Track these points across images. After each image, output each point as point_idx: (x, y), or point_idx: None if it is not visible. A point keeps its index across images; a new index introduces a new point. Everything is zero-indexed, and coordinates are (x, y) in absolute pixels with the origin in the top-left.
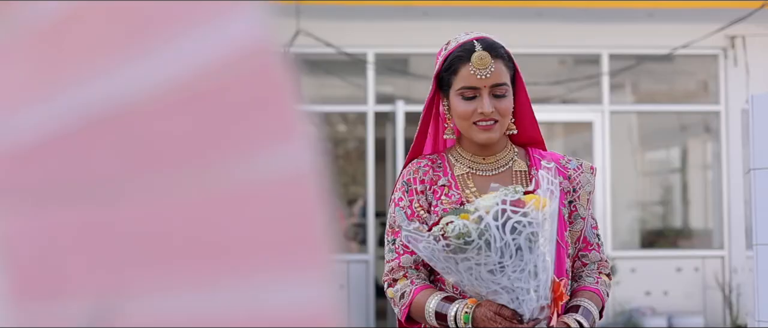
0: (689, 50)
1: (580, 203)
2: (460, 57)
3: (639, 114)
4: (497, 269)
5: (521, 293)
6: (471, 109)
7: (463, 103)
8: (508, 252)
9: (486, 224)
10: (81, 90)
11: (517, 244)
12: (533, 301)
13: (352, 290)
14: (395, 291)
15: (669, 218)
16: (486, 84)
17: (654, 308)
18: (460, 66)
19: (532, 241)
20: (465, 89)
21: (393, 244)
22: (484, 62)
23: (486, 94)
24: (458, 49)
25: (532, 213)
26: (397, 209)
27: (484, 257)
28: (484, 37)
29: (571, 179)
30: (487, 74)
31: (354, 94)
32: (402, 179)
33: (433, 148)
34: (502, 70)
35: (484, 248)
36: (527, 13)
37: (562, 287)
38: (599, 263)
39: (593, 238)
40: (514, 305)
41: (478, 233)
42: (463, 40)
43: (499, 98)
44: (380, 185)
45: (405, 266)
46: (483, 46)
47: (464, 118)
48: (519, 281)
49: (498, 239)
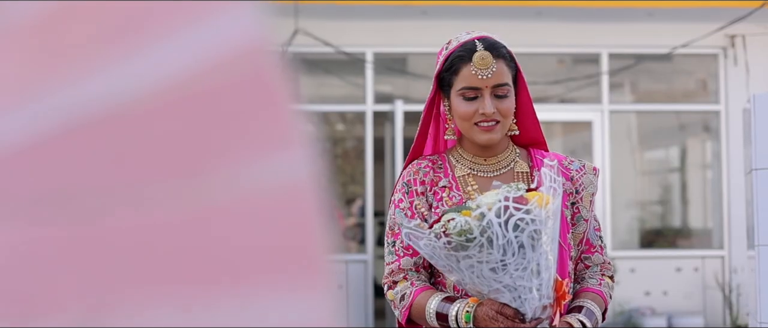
0: (689, 50)
1: (582, 204)
2: (461, 57)
3: (638, 114)
4: (499, 267)
5: (523, 292)
6: (472, 109)
7: (465, 103)
8: (511, 250)
9: (488, 220)
10: (67, 91)
11: (519, 241)
12: (536, 300)
13: (350, 290)
14: (395, 293)
15: (669, 218)
16: (487, 84)
17: (653, 309)
18: (461, 66)
19: (534, 239)
20: (466, 90)
21: (393, 246)
22: (486, 62)
23: (487, 94)
24: (459, 48)
25: (535, 210)
26: (397, 210)
27: (485, 255)
28: (486, 36)
29: (573, 180)
30: (489, 74)
31: (353, 93)
32: (402, 180)
33: (433, 148)
34: (504, 70)
35: (486, 246)
36: (527, 13)
37: (564, 287)
38: (602, 265)
39: (596, 240)
40: (516, 304)
41: (480, 230)
42: (464, 40)
43: (501, 99)
44: (379, 185)
45: (405, 268)
46: (485, 45)
47: (465, 119)
48: (521, 280)
49: (500, 237)
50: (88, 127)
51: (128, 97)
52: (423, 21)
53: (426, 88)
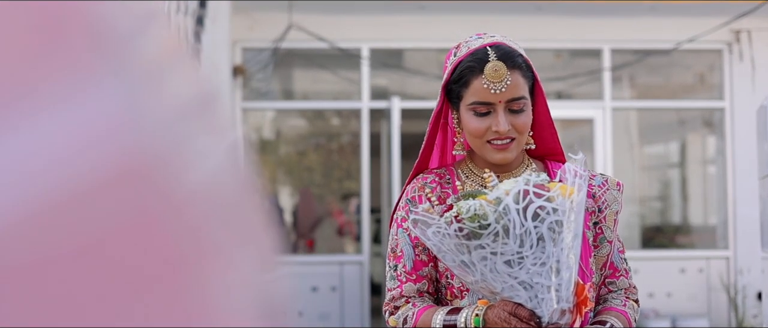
0: (693, 45)
1: (606, 224)
2: (471, 68)
3: (641, 110)
4: (515, 260)
5: (541, 291)
6: (484, 126)
7: (476, 119)
8: (529, 241)
9: (505, 206)
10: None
11: (538, 232)
12: (553, 301)
13: (346, 291)
14: (397, 318)
15: (673, 217)
16: (501, 99)
17: (657, 311)
18: (471, 78)
19: (555, 231)
20: (477, 105)
21: (395, 270)
22: (499, 74)
23: (501, 109)
24: (469, 57)
25: (558, 199)
26: (400, 230)
27: (500, 245)
28: (499, 42)
29: (595, 197)
30: (503, 88)
31: (348, 89)
32: (405, 197)
33: (440, 160)
34: (520, 82)
35: (501, 235)
36: (526, 7)
37: (586, 291)
38: (626, 289)
39: (620, 263)
40: (531, 305)
41: (495, 217)
42: (474, 47)
43: (516, 113)
44: (375, 181)
45: (407, 295)
46: (498, 55)
47: (477, 136)
48: (539, 277)
49: (518, 225)
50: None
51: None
52: (420, 15)
53: (423, 84)
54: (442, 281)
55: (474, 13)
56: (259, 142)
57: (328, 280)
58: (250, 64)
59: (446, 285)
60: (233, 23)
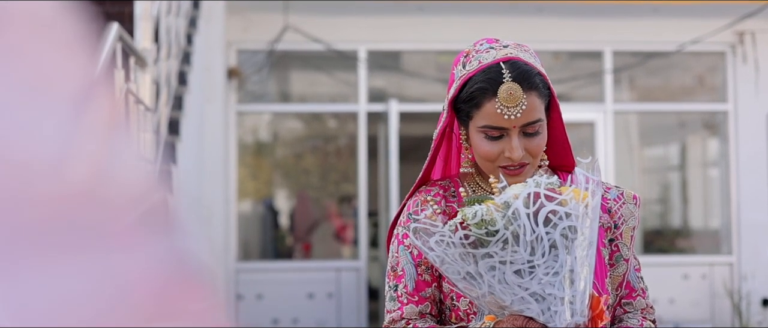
0: (696, 47)
1: (622, 241)
2: (483, 90)
3: (643, 113)
4: (526, 269)
5: (554, 303)
6: (497, 151)
7: (487, 142)
8: (541, 249)
9: (514, 210)
10: None
11: (550, 239)
12: (567, 315)
13: (343, 297)
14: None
15: (674, 220)
16: (515, 124)
17: (660, 317)
18: (483, 100)
19: (569, 238)
20: (489, 129)
21: (395, 291)
22: (515, 98)
23: (515, 134)
24: (481, 75)
25: (571, 203)
26: (402, 247)
27: (510, 254)
28: (514, 57)
29: (611, 212)
30: (518, 113)
31: (345, 91)
32: (407, 212)
33: (443, 171)
34: (536, 104)
35: (510, 242)
36: (527, 9)
37: (602, 304)
38: (644, 310)
39: (637, 282)
40: (544, 318)
41: (504, 222)
42: (487, 62)
43: (531, 136)
44: (372, 184)
45: (408, 317)
46: (513, 75)
47: (488, 160)
48: (551, 288)
49: (528, 232)
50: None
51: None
52: (418, 17)
53: (421, 87)
54: (447, 302)
55: (473, 15)
56: (255, 145)
57: (324, 286)
58: (245, 67)
59: (451, 307)
60: (228, 24)
